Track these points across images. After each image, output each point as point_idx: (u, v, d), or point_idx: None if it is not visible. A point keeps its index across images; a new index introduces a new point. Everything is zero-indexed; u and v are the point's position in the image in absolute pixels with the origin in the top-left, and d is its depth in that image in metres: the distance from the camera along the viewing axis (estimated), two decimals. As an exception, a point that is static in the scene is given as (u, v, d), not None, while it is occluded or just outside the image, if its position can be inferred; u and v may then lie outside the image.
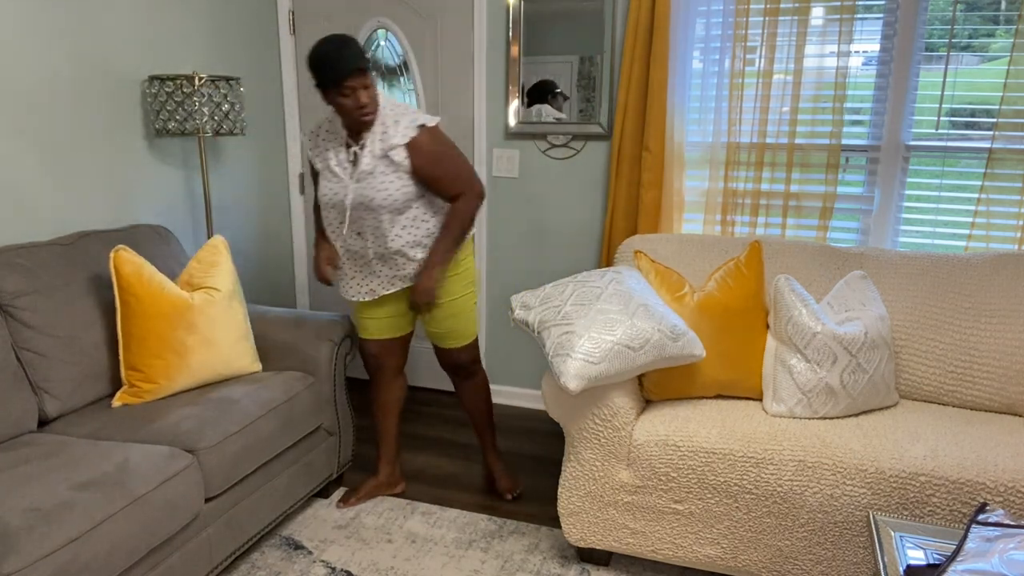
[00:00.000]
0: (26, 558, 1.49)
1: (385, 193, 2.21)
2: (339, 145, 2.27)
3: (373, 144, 2.21)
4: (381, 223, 2.24)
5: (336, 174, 2.25)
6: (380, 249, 2.29)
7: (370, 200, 2.21)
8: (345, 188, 2.24)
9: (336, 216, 2.30)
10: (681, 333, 2.08)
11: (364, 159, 2.21)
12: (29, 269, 2.14)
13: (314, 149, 2.33)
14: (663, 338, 2.04)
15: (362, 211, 2.24)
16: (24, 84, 2.36)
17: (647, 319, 2.04)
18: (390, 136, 2.20)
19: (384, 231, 2.26)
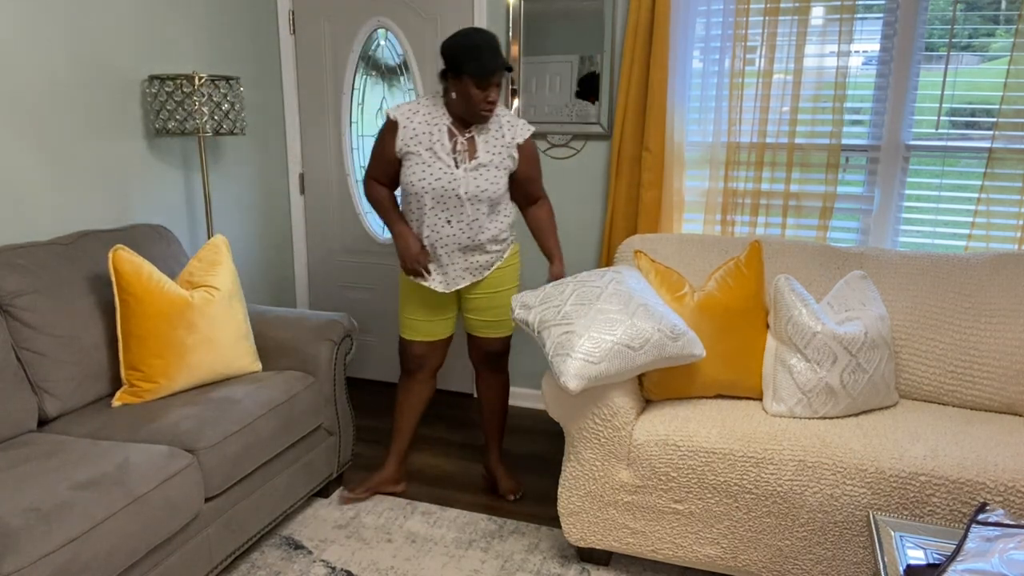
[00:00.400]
0: (26, 558, 1.49)
1: (497, 186, 2.30)
2: (440, 131, 2.28)
3: (495, 137, 2.31)
4: (480, 214, 2.31)
5: (441, 159, 2.26)
6: (467, 240, 2.34)
7: (483, 191, 2.28)
8: (452, 176, 2.26)
9: (431, 202, 2.29)
10: (681, 333, 2.08)
11: (481, 151, 2.29)
12: (29, 269, 2.14)
13: (406, 130, 2.29)
14: (663, 338, 2.04)
15: (468, 201, 2.28)
16: (24, 84, 2.36)
17: (647, 319, 2.04)
18: (514, 133, 2.33)
19: (481, 222, 2.33)
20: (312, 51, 3.49)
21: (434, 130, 2.28)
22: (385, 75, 3.44)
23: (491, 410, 2.68)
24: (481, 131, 2.31)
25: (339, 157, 3.58)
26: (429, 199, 2.28)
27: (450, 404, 3.55)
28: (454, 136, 2.29)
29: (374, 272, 3.67)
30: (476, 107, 2.22)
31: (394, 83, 3.43)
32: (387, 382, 3.81)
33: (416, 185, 2.28)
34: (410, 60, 3.35)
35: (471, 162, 2.28)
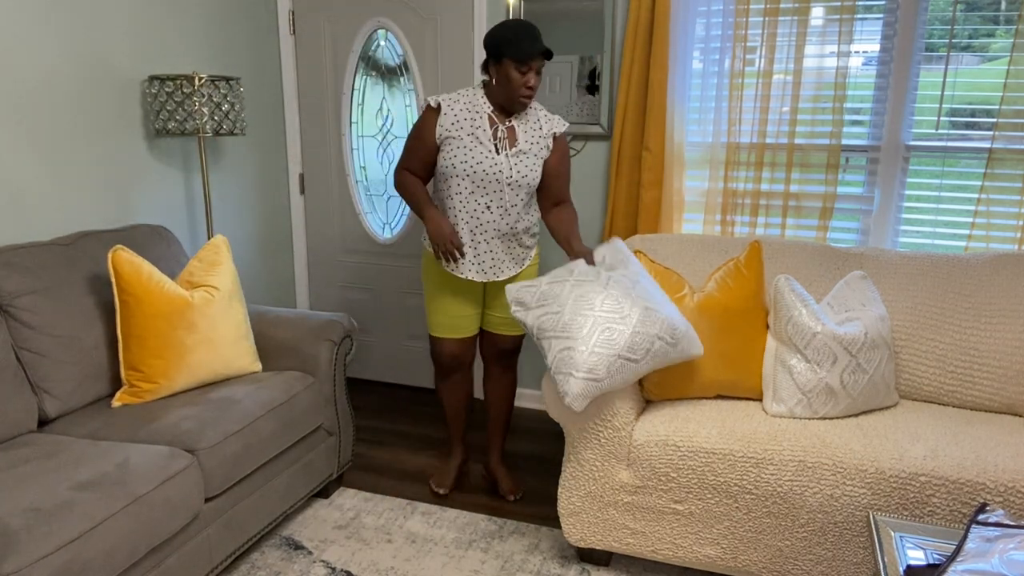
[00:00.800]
0: (26, 558, 1.49)
1: (536, 173, 2.34)
2: (481, 118, 2.32)
3: (534, 128, 2.35)
4: (519, 201, 2.34)
5: (483, 144, 2.29)
6: (507, 227, 2.36)
7: (523, 177, 2.31)
8: (494, 161, 2.29)
9: (470, 186, 2.31)
10: (681, 336, 2.08)
11: (521, 139, 2.33)
12: (29, 269, 2.14)
13: (447, 116, 2.31)
14: (663, 346, 2.03)
15: (508, 187, 2.31)
16: (24, 84, 2.36)
17: (647, 324, 2.02)
18: (552, 125, 2.37)
19: (520, 209, 2.36)
20: (312, 51, 3.49)
21: (476, 116, 2.31)
22: (385, 75, 3.44)
23: (497, 409, 2.70)
24: (520, 121, 2.34)
25: (339, 157, 3.58)
26: (469, 183, 2.30)
27: (450, 404, 3.54)
28: (495, 124, 2.32)
29: (374, 272, 3.67)
30: (516, 92, 2.25)
31: (394, 83, 3.43)
32: (387, 382, 3.81)
33: (457, 168, 2.29)
34: (410, 60, 3.35)
35: (512, 148, 2.31)
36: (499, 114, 2.33)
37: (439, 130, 2.32)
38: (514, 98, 2.27)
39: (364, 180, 3.59)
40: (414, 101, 3.41)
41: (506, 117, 2.34)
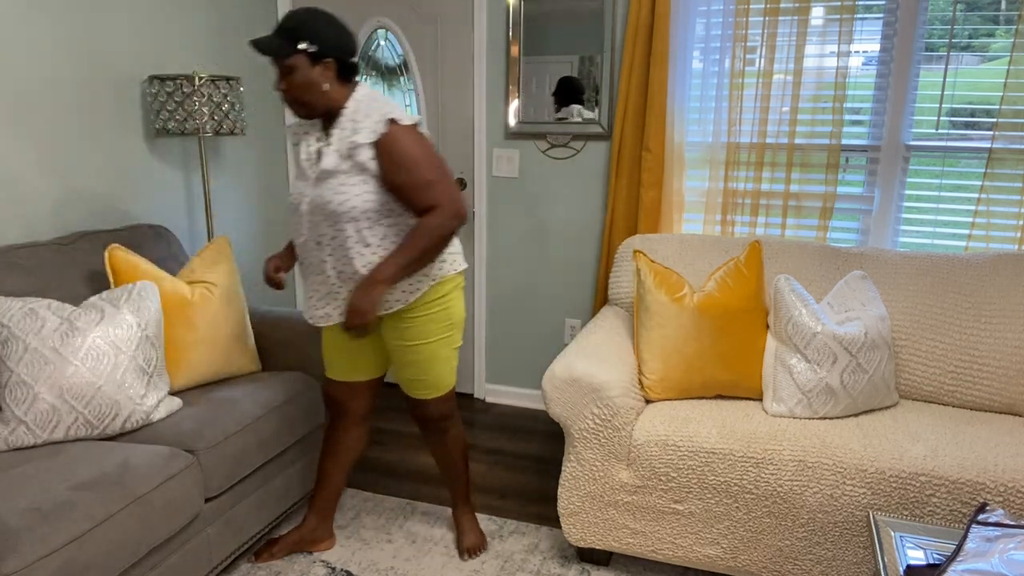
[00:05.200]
0: (26, 558, 1.49)
1: (342, 198, 1.86)
2: (310, 138, 1.98)
3: (340, 140, 1.88)
4: (344, 237, 1.90)
5: (303, 171, 1.95)
6: (342, 267, 1.94)
7: (326, 204, 1.87)
8: (305, 188, 1.94)
9: (296, 221, 1.97)
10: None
11: (326, 157, 1.89)
12: (29, 269, 2.14)
13: (292, 140, 2.05)
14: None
15: (320, 218, 1.90)
16: (24, 84, 2.36)
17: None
18: (357, 132, 1.87)
19: (348, 247, 1.90)
20: (312, 51, 3.49)
21: (304, 141, 1.98)
22: (385, 75, 3.44)
23: (445, 467, 2.32)
24: (335, 133, 1.90)
25: (339, 157, 3.57)
26: (296, 217, 1.97)
27: (450, 404, 3.54)
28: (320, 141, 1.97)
29: (374, 272, 3.66)
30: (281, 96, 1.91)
31: (394, 83, 3.43)
32: (387, 382, 3.81)
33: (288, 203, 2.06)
34: (410, 60, 3.35)
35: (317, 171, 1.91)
36: (326, 130, 1.96)
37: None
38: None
39: (364, 180, 3.59)
40: (414, 101, 3.41)
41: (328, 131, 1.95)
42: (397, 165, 1.85)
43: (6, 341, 1.89)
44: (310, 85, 1.85)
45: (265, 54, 1.82)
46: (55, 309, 1.95)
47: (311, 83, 1.85)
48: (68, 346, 1.90)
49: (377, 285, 1.86)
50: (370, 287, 1.85)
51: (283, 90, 1.86)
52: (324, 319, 2.03)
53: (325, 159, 1.88)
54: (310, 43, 1.82)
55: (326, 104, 1.89)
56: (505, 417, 3.41)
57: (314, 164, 1.93)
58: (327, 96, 1.88)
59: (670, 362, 2.24)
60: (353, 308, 1.86)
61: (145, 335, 2.04)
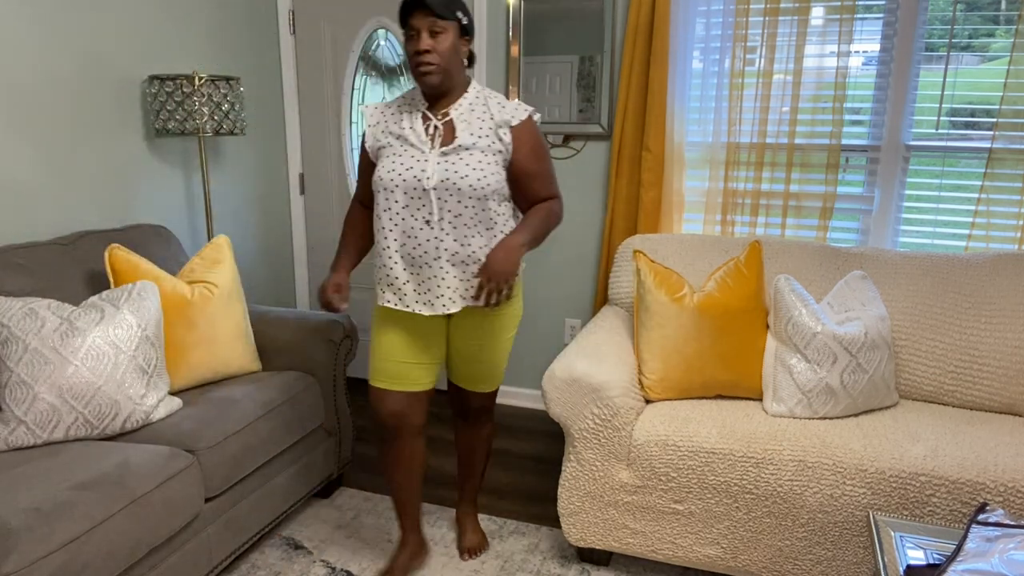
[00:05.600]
0: (26, 558, 1.49)
1: (481, 174, 1.83)
2: (414, 117, 1.91)
3: (480, 119, 1.88)
4: (470, 215, 1.85)
5: (412, 144, 1.87)
6: (458, 248, 1.87)
7: (462, 179, 1.82)
8: (425, 163, 1.85)
9: (403, 198, 1.86)
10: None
11: (461, 132, 1.86)
12: (29, 269, 2.14)
13: (376, 123, 1.96)
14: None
15: (445, 195, 1.83)
16: (24, 84, 2.36)
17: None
18: (505, 114, 1.89)
19: (470, 227, 1.86)
20: (312, 51, 3.49)
21: (406, 117, 1.91)
22: (385, 75, 3.44)
23: (472, 459, 2.30)
24: (462, 112, 1.90)
25: (339, 157, 3.58)
26: (401, 194, 1.86)
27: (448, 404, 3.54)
28: (428, 120, 1.90)
29: (373, 272, 3.67)
30: (412, 65, 1.84)
31: (394, 83, 3.43)
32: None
33: (384, 179, 1.86)
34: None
35: (448, 145, 1.86)
36: (434, 109, 1.91)
37: (371, 141, 1.96)
38: (415, 76, 1.85)
39: (364, 180, 3.59)
40: (414, 101, 3.41)
41: (440, 110, 1.91)
42: (535, 152, 1.92)
43: (6, 341, 1.89)
44: (455, 53, 1.84)
45: (431, 7, 1.76)
46: (55, 309, 1.95)
47: (456, 51, 1.85)
48: (68, 346, 1.90)
49: (518, 248, 1.81)
50: (511, 249, 1.79)
51: (426, 50, 1.79)
52: (428, 307, 1.92)
53: (462, 135, 1.86)
54: (464, 16, 1.86)
55: (456, 79, 1.89)
56: (505, 417, 3.41)
57: (430, 139, 1.88)
58: (460, 71, 1.90)
59: (670, 362, 2.24)
60: (497, 271, 1.76)
61: (145, 335, 2.04)
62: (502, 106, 1.91)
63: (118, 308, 2.02)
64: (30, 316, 1.91)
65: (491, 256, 1.78)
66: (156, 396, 2.05)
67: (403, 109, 1.94)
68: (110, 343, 1.96)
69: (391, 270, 1.92)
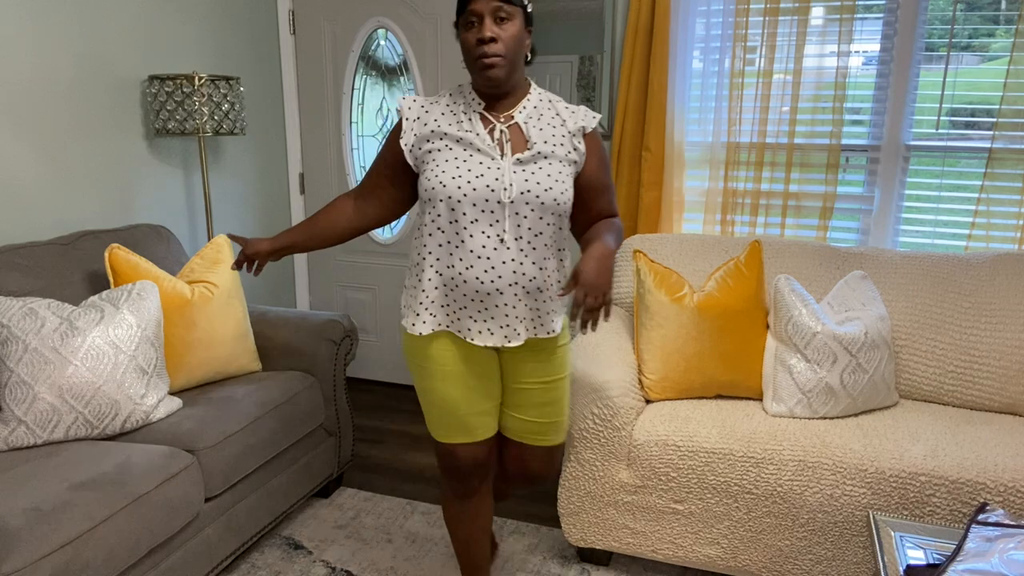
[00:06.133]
0: (26, 558, 1.49)
1: (562, 187, 1.60)
2: (472, 119, 1.64)
3: (551, 124, 1.64)
4: (547, 234, 1.61)
5: (480, 149, 1.60)
6: (535, 272, 1.62)
7: (545, 191, 1.58)
8: (498, 171, 1.58)
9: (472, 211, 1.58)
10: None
11: (535, 138, 1.61)
12: (29, 269, 2.14)
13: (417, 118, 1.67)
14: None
15: (525, 210, 1.58)
16: (25, 84, 2.36)
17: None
18: (577, 119, 1.67)
19: (546, 247, 1.62)
20: (312, 51, 3.49)
21: (463, 118, 1.64)
22: (385, 75, 3.44)
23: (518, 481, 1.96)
24: (528, 116, 1.64)
25: (339, 157, 3.58)
26: (469, 206, 1.57)
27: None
28: (490, 123, 1.63)
29: (374, 272, 3.67)
30: (472, 58, 1.57)
31: (394, 83, 3.43)
32: (387, 382, 3.81)
33: (449, 187, 1.57)
34: (410, 60, 3.35)
35: (524, 152, 1.60)
36: (494, 111, 1.65)
37: (410, 139, 1.66)
38: (475, 70, 1.58)
39: (364, 180, 3.59)
40: (414, 101, 3.40)
41: (502, 112, 1.65)
42: (603, 163, 1.72)
43: (6, 341, 1.89)
44: (521, 44, 1.59)
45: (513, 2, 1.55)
46: (55, 309, 1.95)
47: (521, 42, 1.59)
48: (68, 346, 1.90)
49: (612, 257, 1.53)
50: (604, 258, 1.51)
51: (491, 39, 1.53)
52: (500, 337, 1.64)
53: (538, 141, 1.61)
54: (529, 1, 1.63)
55: (518, 72, 1.63)
56: (505, 417, 3.40)
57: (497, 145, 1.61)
58: (522, 65, 1.64)
59: (670, 362, 2.24)
60: (597, 284, 1.48)
61: (145, 335, 2.04)
62: (572, 110, 1.68)
63: (118, 308, 2.02)
64: (30, 316, 1.91)
65: (584, 268, 1.48)
66: (156, 396, 2.05)
67: (454, 108, 1.66)
68: (110, 343, 1.96)
69: (447, 296, 1.64)
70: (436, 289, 1.64)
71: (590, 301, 1.47)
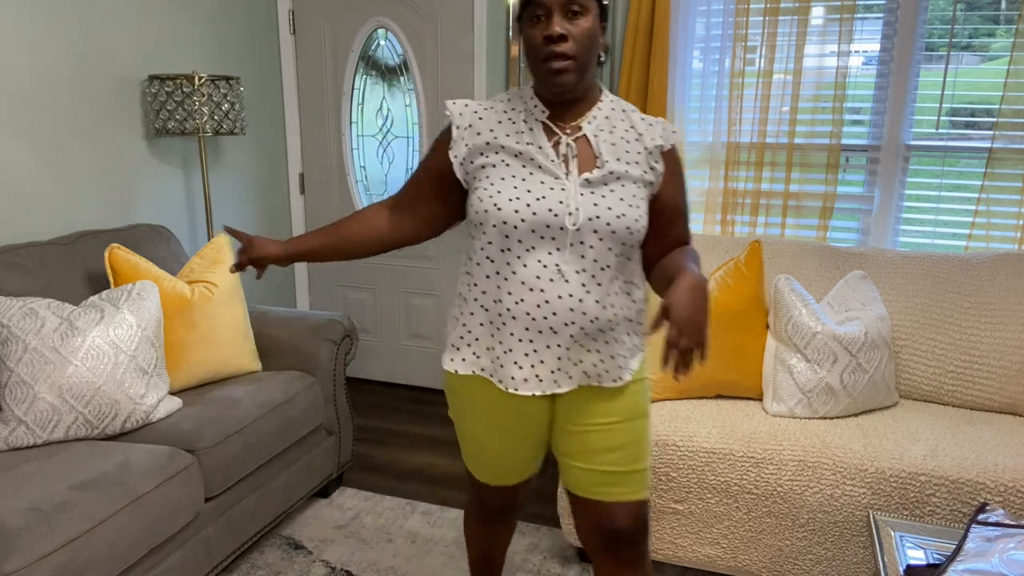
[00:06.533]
0: (26, 558, 1.49)
1: (638, 213, 1.37)
2: (534, 130, 1.41)
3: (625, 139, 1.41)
4: (617, 267, 1.39)
5: (542, 166, 1.37)
6: (598, 312, 1.38)
7: (616, 218, 1.35)
8: (562, 192, 1.35)
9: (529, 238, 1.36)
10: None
11: (607, 153, 1.38)
12: (29, 269, 2.14)
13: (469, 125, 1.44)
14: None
15: (592, 238, 1.35)
16: (24, 84, 2.36)
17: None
18: (655, 133, 1.43)
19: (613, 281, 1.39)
20: (312, 51, 3.49)
21: (524, 128, 1.41)
22: (385, 75, 3.44)
23: None
24: (600, 128, 1.41)
25: (339, 157, 3.58)
26: (526, 232, 1.35)
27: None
28: (554, 135, 1.41)
29: (374, 272, 3.67)
30: (537, 58, 1.35)
31: (394, 83, 3.43)
32: (387, 382, 3.81)
33: (504, 211, 1.35)
34: (410, 60, 3.35)
35: (594, 171, 1.37)
36: (559, 121, 1.42)
37: (461, 151, 1.44)
38: (539, 74, 1.36)
39: (364, 180, 3.59)
40: (414, 101, 3.40)
41: (569, 122, 1.42)
42: (681, 185, 1.47)
43: (6, 341, 1.89)
44: (594, 42, 1.36)
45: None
46: (55, 309, 1.95)
47: (595, 40, 1.36)
48: (68, 346, 1.90)
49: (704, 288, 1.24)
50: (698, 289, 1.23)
51: (560, 35, 1.31)
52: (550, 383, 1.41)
53: (610, 158, 1.38)
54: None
55: (589, 76, 1.40)
56: (505, 417, 3.40)
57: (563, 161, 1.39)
58: (594, 67, 1.40)
59: (670, 362, 2.24)
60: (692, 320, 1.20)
61: (145, 335, 2.04)
62: (649, 123, 1.44)
63: (118, 308, 2.02)
64: (30, 316, 1.91)
65: (677, 302, 1.20)
66: (156, 396, 2.04)
67: (512, 116, 1.43)
68: (110, 343, 1.96)
69: (493, 335, 1.42)
70: (481, 326, 1.44)
71: (684, 342, 1.20)
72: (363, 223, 1.55)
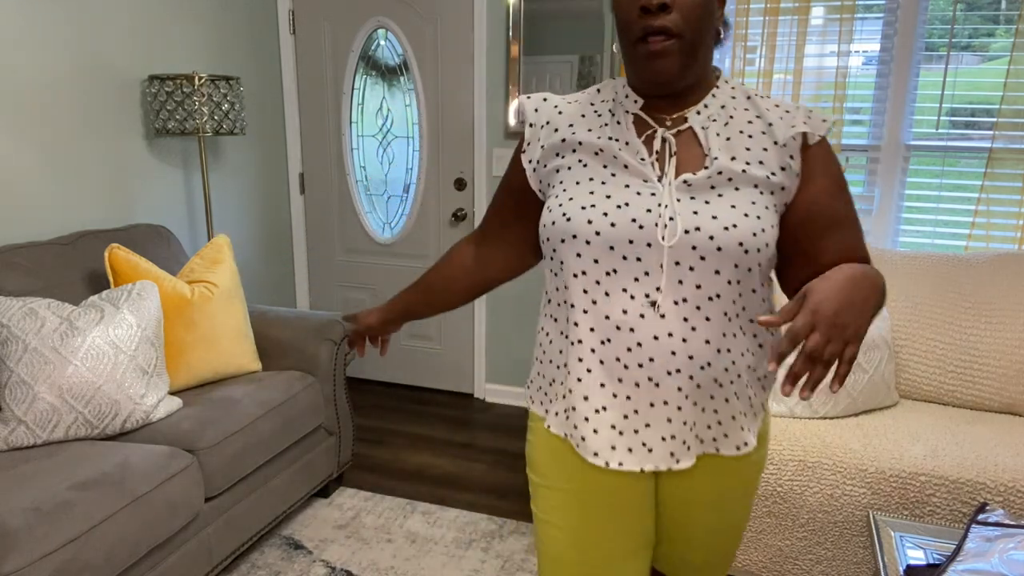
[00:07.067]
0: (26, 558, 1.49)
1: (758, 225, 1.03)
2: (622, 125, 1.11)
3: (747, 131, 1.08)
4: (725, 296, 1.04)
5: (627, 166, 1.07)
6: (706, 354, 1.05)
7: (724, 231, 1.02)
8: (651, 198, 1.05)
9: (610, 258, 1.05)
10: None
11: (718, 150, 1.06)
12: (29, 269, 2.14)
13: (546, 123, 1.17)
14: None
15: (691, 258, 1.03)
16: (24, 84, 2.36)
17: None
18: (793, 120, 1.09)
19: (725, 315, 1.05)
20: (312, 51, 3.49)
21: (610, 119, 1.13)
22: (385, 75, 3.44)
23: None
24: (712, 119, 1.10)
25: (339, 157, 3.58)
26: (603, 250, 1.05)
27: (450, 404, 3.55)
28: (648, 128, 1.11)
29: (374, 272, 3.67)
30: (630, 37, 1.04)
31: (394, 83, 3.43)
32: (387, 382, 3.81)
33: (575, 221, 1.06)
34: (410, 60, 3.35)
35: (698, 172, 1.06)
36: (657, 112, 1.11)
37: (536, 154, 1.17)
38: (632, 58, 1.06)
39: (364, 180, 3.59)
40: (414, 101, 3.40)
41: (671, 113, 1.11)
42: (838, 185, 1.12)
43: (6, 341, 1.89)
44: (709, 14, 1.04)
45: None
46: (55, 309, 1.95)
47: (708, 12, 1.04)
48: (68, 346, 1.90)
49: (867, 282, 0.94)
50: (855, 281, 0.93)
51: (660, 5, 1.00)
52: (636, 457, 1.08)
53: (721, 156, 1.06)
54: None
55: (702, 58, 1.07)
56: (505, 417, 3.41)
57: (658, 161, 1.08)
58: (709, 47, 1.08)
59: (670, 362, 2.24)
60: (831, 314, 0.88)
61: (145, 335, 2.04)
62: (785, 110, 1.11)
63: (118, 308, 2.02)
64: (30, 316, 1.91)
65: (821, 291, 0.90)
66: (156, 396, 2.04)
67: (599, 107, 1.15)
68: (110, 343, 1.96)
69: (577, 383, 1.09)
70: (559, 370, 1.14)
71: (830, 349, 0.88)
72: (450, 267, 1.34)
